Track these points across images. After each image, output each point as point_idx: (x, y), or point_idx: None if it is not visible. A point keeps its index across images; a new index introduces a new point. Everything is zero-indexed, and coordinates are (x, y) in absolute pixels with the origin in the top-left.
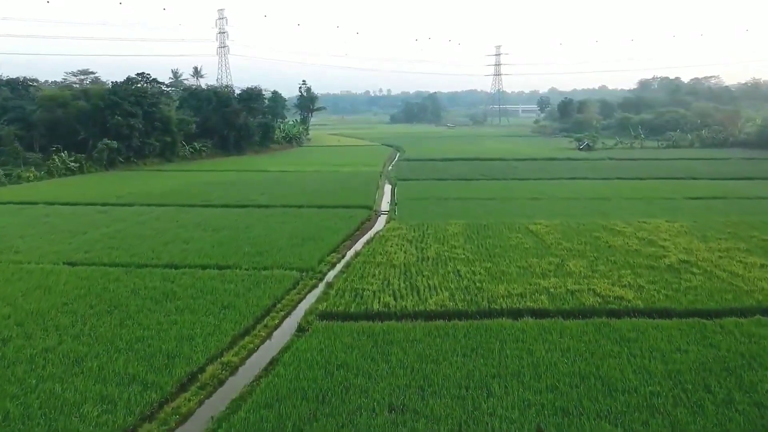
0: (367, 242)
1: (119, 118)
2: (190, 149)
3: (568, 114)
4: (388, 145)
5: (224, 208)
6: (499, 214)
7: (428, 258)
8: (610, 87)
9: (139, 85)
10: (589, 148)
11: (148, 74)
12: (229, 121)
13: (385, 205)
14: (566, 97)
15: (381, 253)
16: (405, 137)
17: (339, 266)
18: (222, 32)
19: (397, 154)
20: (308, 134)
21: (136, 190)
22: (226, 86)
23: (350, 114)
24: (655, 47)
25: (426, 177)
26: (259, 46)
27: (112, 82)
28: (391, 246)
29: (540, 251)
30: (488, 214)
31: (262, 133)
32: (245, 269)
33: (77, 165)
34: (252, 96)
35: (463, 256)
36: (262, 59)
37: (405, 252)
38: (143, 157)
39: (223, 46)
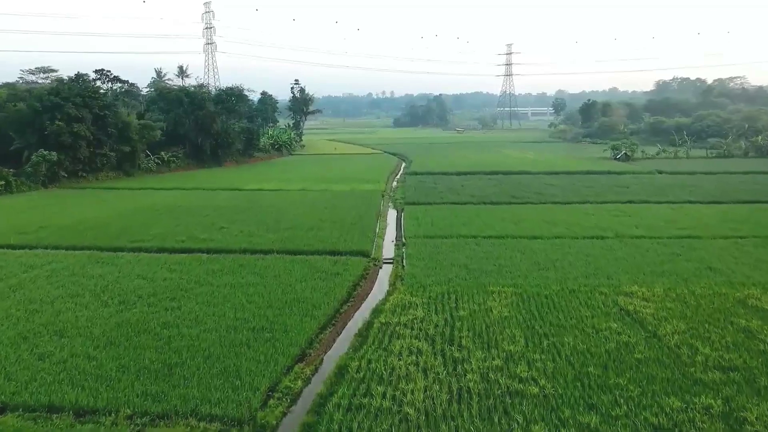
0: (360, 337)
1: (60, 123)
2: (156, 160)
3: (591, 117)
4: (391, 154)
5: (158, 255)
6: (560, 272)
7: (470, 392)
8: (621, 89)
9: (92, 84)
10: (627, 158)
11: (108, 71)
12: (203, 127)
13: (388, 246)
14: (589, 99)
15: (381, 377)
16: (411, 144)
17: (302, 405)
18: (208, 27)
19: (403, 165)
20: (301, 140)
21: (55, 222)
22: (201, 85)
23: (352, 117)
24: (675, 46)
25: (441, 199)
26: (251, 43)
27: (54, 79)
28: (399, 355)
29: (668, 369)
30: (543, 270)
31: (245, 140)
32: (125, 418)
33: (3, 183)
34: (231, 97)
35: (534, 389)
36: (255, 57)
37: (425, 371)
38: (95, 170)
39: (210, 42)
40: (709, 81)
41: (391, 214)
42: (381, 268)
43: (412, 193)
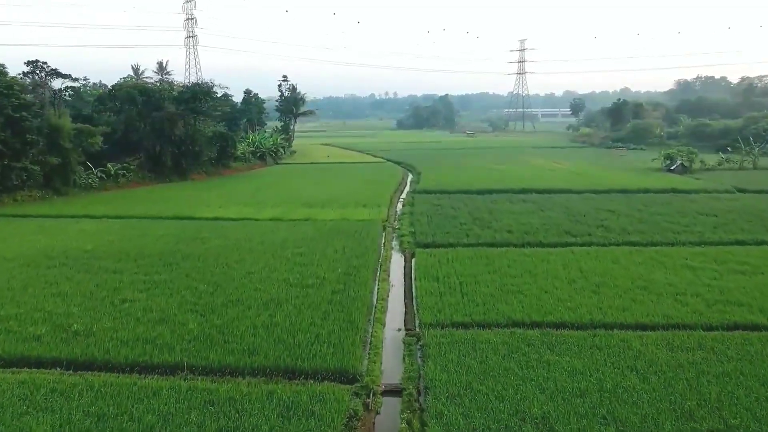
0: None
1: None
2: (100, 174)
3: (622, 119)
4: (395, 162)
5: None
6: None
7: None
8: (634, 89)
9: (6, 78)
10: (684, 169)
11: (44, 62)
12: (162, 132)
13: (392, 344)
14: (620, 99)
15: None
16: (417, 150)
17: None
18: (190, 18)
19: (409, 178)
20: (290, 146)
21: None
22: (161, 81)
23: (353, 118)
24: (694, 44)
25: (466, 237)
26: (239, 37)
27: None
28: None
29: None
30: None
31: (219, 148)
32: None
33: None
34: (198, 94)
35: None
36: (244, 53)
37: None
38: (12, 189)
39: (191, 35)
40: (732, 80)
41: (397, 264)
42: (379, 413)
43: (424, 224)
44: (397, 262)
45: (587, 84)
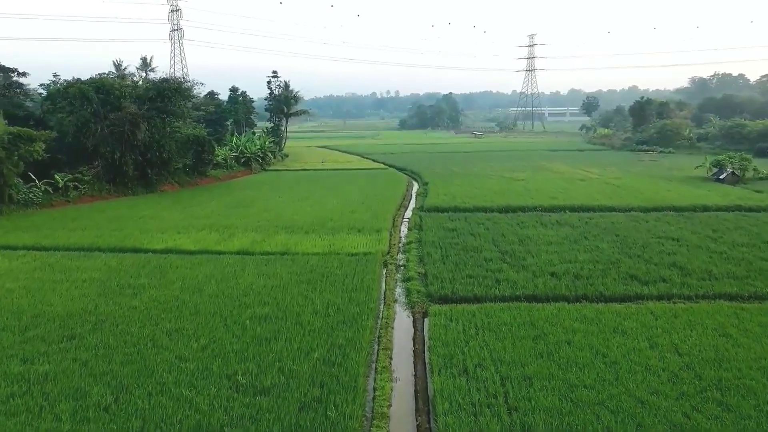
0: None
1: None
2: (45, 186)
3: (645, 119)
4: (398, 169)
5: None
6: None
7: None
8: (642, 87)
9: None
10: (736, 178)
11: None
12: (122, 136)
13: None
14: (643, 97)
15: None
16: (422, 152)
17: None
18: (175, 10)
19: (414, 189)
20: (282, 149)
21: None
22: (122, 76)
23: (355, 118)
24: (712, 38)
25: (496, 284)
26: (231, 31)
27: None
28: None
29: None
30: None
31: (195, 154)
32: None
33: None
34: (164, 92)
35: None
36: (236, 48)
37: None
38: None
39: (176, 28)
40: (750, 77)
41: (402, 332)
42: None
43: (438, 262)
44: (403, 328)
45: (593, 82)
